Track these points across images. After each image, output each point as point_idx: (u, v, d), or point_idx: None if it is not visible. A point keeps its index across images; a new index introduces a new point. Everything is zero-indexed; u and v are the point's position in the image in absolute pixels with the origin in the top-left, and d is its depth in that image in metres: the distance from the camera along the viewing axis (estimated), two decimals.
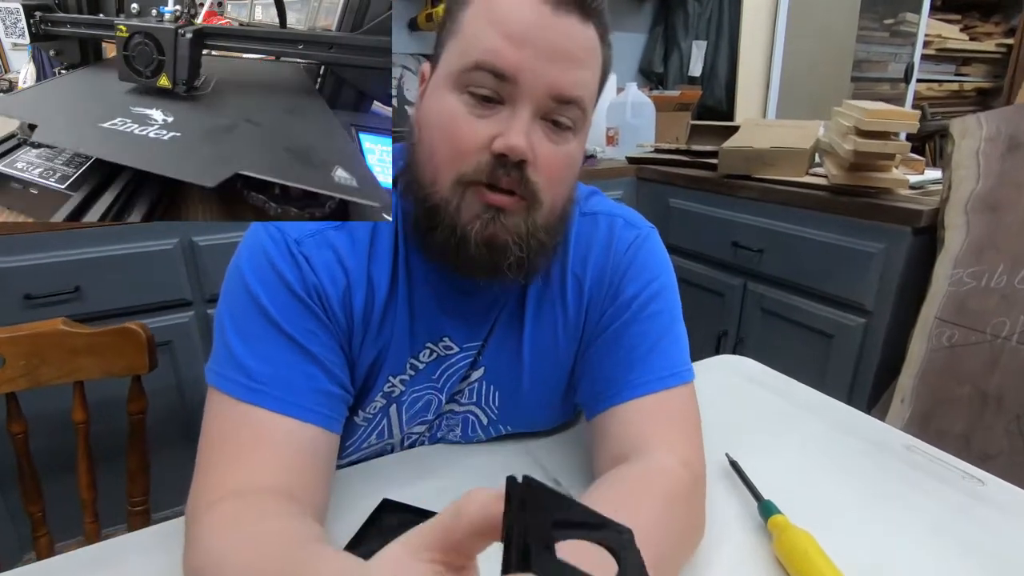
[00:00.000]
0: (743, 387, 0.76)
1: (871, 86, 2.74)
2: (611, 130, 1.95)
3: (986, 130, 1.06)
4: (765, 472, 0.55)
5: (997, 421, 1.01)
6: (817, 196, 1.28)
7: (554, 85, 0.43)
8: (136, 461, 0.84)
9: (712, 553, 0.47)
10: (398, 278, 0.51)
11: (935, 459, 0.60)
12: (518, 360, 0.56)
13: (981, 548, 0.48)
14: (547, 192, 0.45)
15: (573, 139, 0.46)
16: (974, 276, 1.05)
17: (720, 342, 1.57)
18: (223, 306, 0.48)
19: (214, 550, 0.37)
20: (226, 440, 0.44)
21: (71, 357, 0.79)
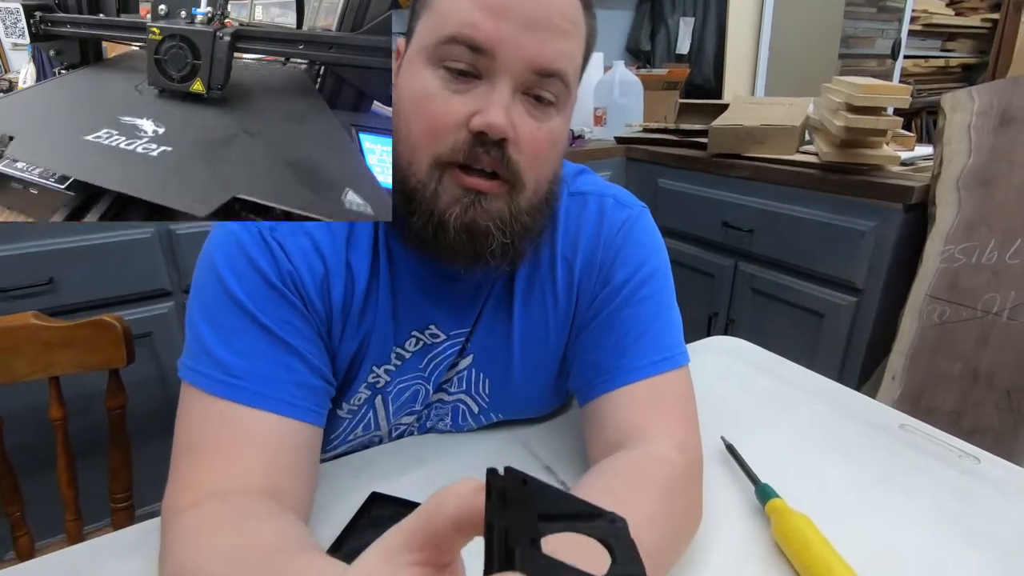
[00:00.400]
0: (737, 369, 0.75)
1: (859, 62, 2.73)
2: (599, 110, 1.92)
3: (978, 104, 1.05)
4: (761, 455, 0.54)
5: (988, 397, 1.02)
6: (808, 174, 1.27)
7: (535, 58, 0.40)
8: (118, 458, 0.82)
9: (710, 538, 0.46)
10: (379, 265, 0.49)
11: (930, 438, 0.60)
12: (508, 346, 0.54)
13: (979, 526, 0.48)
14: (530, 173, 0.43)
15: (556, 116, 0.44)
16: (965, 252, 1.04)
17: (711, 323, 1.57)
18: (194, 298, 0.46)
19: (188, 562, 0.36)
20: (203, 438, 0.42)
21: (45, 351, 0.76)
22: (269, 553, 0.34)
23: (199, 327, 0.44)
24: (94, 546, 0.47)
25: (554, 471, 0.55)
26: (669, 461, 0.45)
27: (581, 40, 0.44)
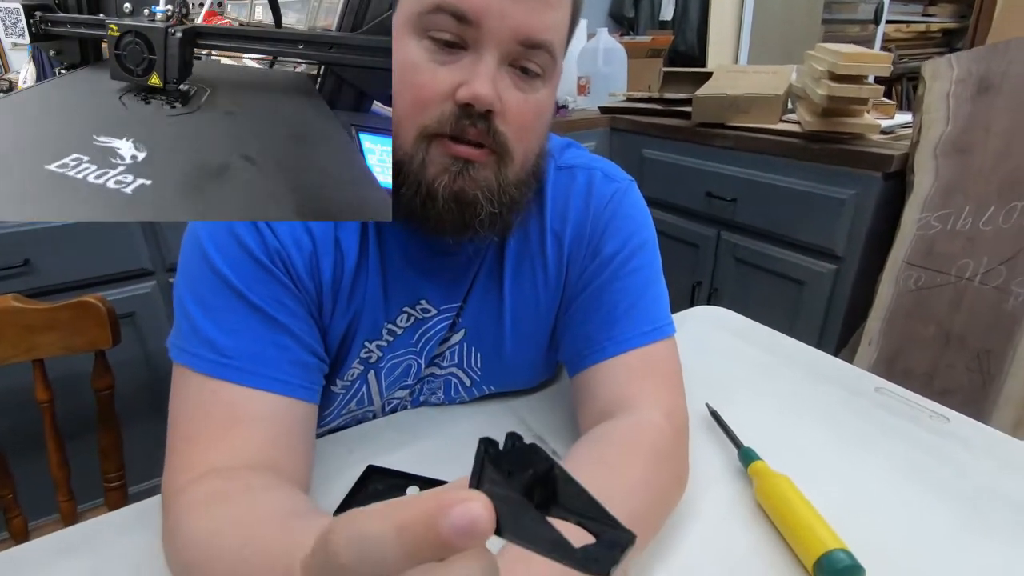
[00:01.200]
0: (721, 337, 0.77)
1: (842, 28, 2.72)
2: (582, 79, 1.89)
3: (957, 72, 1.06)
4: (744, 420, 0.56)
5: (959, 359, 1.06)
6: (790, 143, 1.28)
7: (521, 28, 0.40)
8: (108, 438, 0.82)
9: (696, 500, 0.48)
10: (368, 241, 0.49)
11: (904, 400, 0.62)
12: (499, 320, 0.55)
13: (948, 482, 0.50)
14: (517, 144, 0.43)
15: (543, 87, 0.43)
16: (941, 219, 1.07)
17: (695, 292, 1.59)
18: (181, 278, 0.45)
19: (203, 530, 0.36)
20: (199, 419, 0.42)
21: (27, 334, 0.75)
22: (284, 517, 0.35)
23: (188, 308, 0.44)
24: (92, 526, 0.48)
25: (546, 441, 0.56)
26: (657, 428, 0.46)
27: (567, 10, 0.43)
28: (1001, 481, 0.50)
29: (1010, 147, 0.99)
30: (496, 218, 0.44)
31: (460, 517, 0.14)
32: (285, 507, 0.37)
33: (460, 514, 0.14)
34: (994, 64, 1.01)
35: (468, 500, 0.15)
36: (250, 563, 0.31)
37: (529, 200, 0.48)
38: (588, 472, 0.42)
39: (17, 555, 0.44)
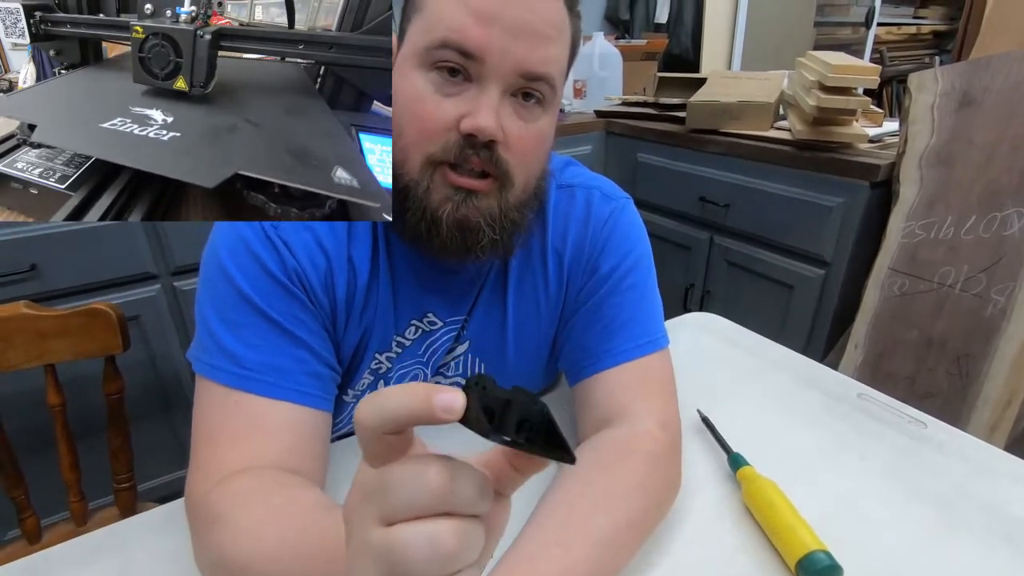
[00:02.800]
0: (712, 344, 0.80)
1: (834, 30, 2.75)
2: (578, 82, 1.92)
3: (941, 85, 1.09)
4: (734, 425, 0.59)
5: (940, 363, 1.10)
6: (781, 151, 1.31)
7: (522, 63, 0.42)
8: (118, 440, 0.84)
9: (687, 503, 0.51)
10: (379, 259, 0.51)
11: (884, 405, 0.66)
12: (502, 333, 0.58)
13: (925, 485, 0.54)
14: (519, 171, 0.45)
15: (543, 115, 0.46)
16: (925, 228, 1.11)
17: (688, 294, 1.63)
18: (203, 294, 0.48)
19: (247, 521, 0.38)
20: (220, 427, 0.45)
21: (39, 341, 0.77)
22: (322, 509, 0.37)
23: (210, 323, 0.46)
24: (118, 529, 0.50)
25: None
26: (653, 437, 0.49)
27: (566, 43, 0.46)
28: (974, 484, 0.54)
29: (991, 160, 1.03)
30: (498, 243, 0.47)
31: (445, 396, 0.21)
32: (322, 500, 0.40)
33: (446, 394, 0.21)
34: (976, 79, 1.05)
35: (455, 393, 0.21)
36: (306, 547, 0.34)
37: (531, 221, 0.51)
38: (589, 477, 0.45)
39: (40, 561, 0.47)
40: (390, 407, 0.22)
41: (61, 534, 0.85)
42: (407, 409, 0.21)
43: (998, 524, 0.49)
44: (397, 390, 0.22)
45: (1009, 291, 1.02)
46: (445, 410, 0.21)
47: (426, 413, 0.21)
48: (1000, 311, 1.03)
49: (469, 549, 0.22)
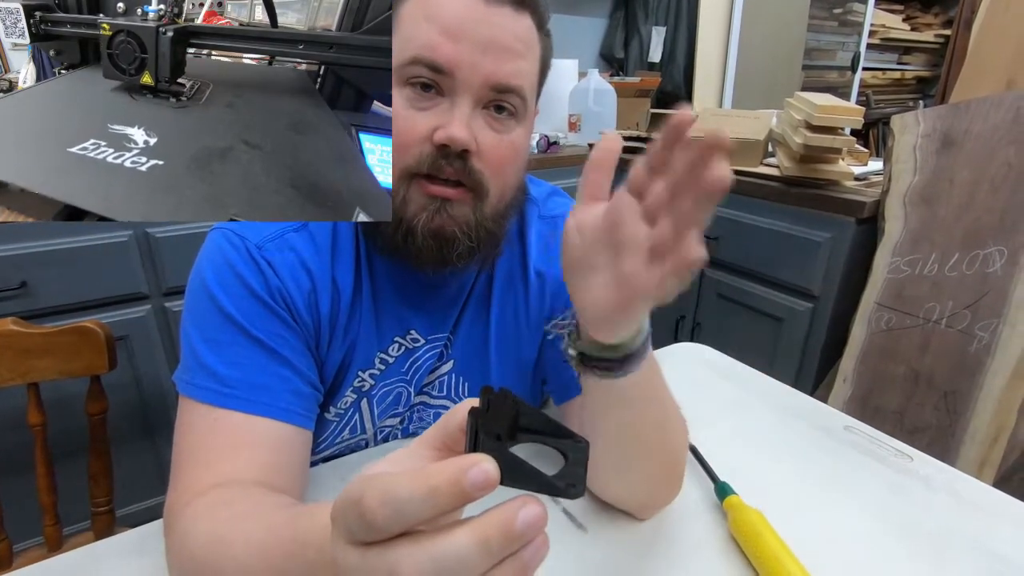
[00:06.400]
0: (701, 374, 0.80)
1: (821, 74, 2.85)
2: (573, 116, 1.96)
3: (923, 127, 1.13)
4: (722, 454, 0.59)
5: (927, 398, 1.10)
6: (770, 187, 1.34)
7: (491, 75, 0.43)
8: (98, 464, 0.83)
9: (673, 531, 0.51)
10: (361, 277, 0.52)
11: (871, 439, 0.66)
12: (485, 352, 0.58)
13: (910, 517, 0.54)
14: (494, 181, 0.46)
15: (516, 127, 0.47)
16: (910, 264, 1.13)
17: (679, 326, 1.64)
18: (188, 315, 0.48)
19: (207, 532, 0.38)
20: (203, 444, 0.44)
21: (24, 358, 0.76)
22: (288, 505, 0.38)
23: (194, 343, 0.46)
24: (90, 552, 0.49)
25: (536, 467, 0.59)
26: None
27: (535, 59, 0.47)
28: (958, 518, 0.54)
29: (972, 199, 1.06)
30: (474, 251, 0.47)
31: (477, 475, 0.19)
32: (287, 502, 0.40)
33: (477, 473, 0.19)
34: (956, 122, 1.08)
35: (480, 461, 0.19)
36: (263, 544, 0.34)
37: (509, 231, 0.51)
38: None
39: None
40: (411, 511, 0.19)
41: (32, 559, 0.83)
42: (434, 508, 0.19)
43: (985, 560, 0.49)
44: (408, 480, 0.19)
45: (993, 327, 1.03)
46: (480, 486, 0.19)
47: (459, 498, 0.19)
48: (984, 347, 1.04)
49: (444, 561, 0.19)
